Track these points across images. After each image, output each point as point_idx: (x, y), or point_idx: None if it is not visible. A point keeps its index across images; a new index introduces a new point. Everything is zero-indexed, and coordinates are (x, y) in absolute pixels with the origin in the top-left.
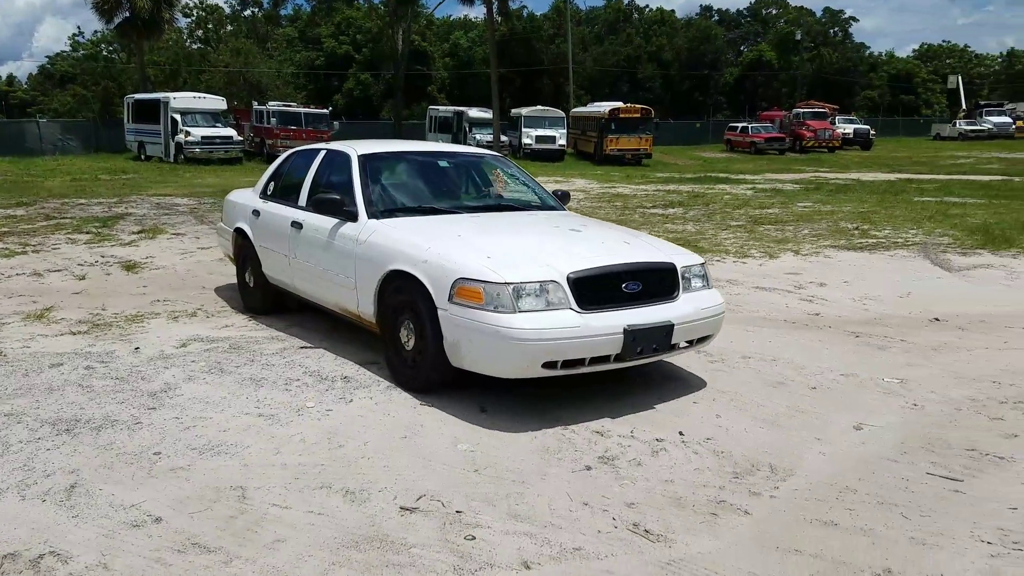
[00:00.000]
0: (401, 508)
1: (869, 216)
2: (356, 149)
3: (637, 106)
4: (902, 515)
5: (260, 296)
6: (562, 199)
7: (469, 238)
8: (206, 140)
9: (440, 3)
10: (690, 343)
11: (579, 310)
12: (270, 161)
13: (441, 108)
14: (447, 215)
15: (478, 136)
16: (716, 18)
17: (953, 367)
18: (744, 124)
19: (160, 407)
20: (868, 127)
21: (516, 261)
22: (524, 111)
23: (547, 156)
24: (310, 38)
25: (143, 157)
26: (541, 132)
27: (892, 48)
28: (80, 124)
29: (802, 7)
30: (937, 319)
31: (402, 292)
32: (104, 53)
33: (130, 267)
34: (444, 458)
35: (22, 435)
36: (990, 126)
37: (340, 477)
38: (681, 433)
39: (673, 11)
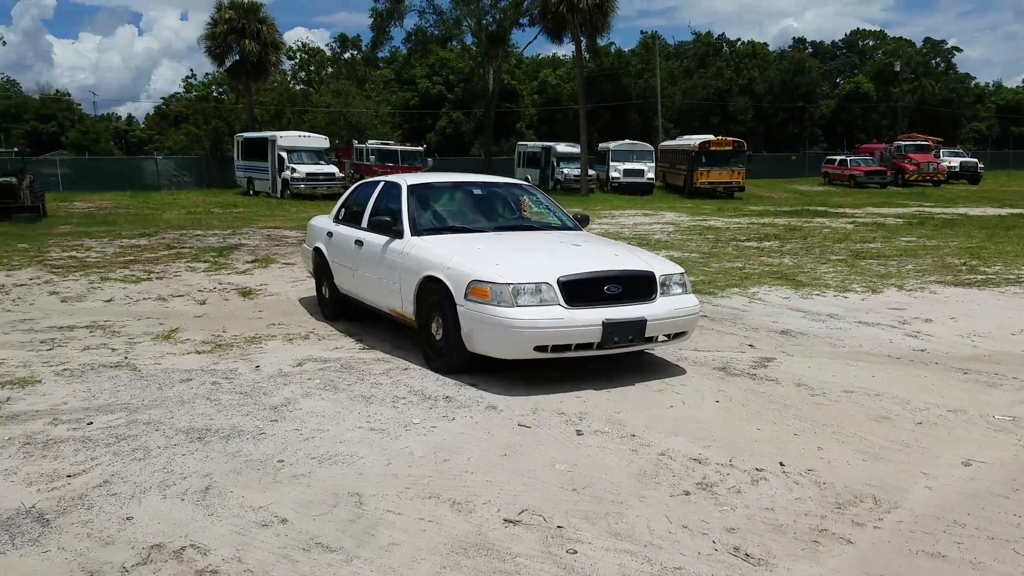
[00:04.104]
0: (505, 520)
1: (978, 252)
2: (406, 180)
3: (729, 139)
4: (1014, 551)
5: (333, 304)
6: (581, 221)
7: (485, 251)
8: (310, 176)
9: (530, 43)
10: (668, 337)
11: (566, 306)
12: None
13: (529, 144)
14: (475, 233)
15: (565, 170)
16: (810, 50)
17: None
18: (842, 157)
19: (281, 419)
20: (976, 160)
21: (518, 267)
22: (612, 145)
23: (635, 189)
24: (406, 79)
25: (252, 192)
26: (629, 166)
27: (1000, 78)
28: (193, 161)
29: (901, 38)
30: None
31: (433, 294)
32: (215, 94)
33: (246, 293)
34: (543, 476)
35: (160, 441)
36: None
37: (447, 488)
38: (782, 463)
39: (765, 44)
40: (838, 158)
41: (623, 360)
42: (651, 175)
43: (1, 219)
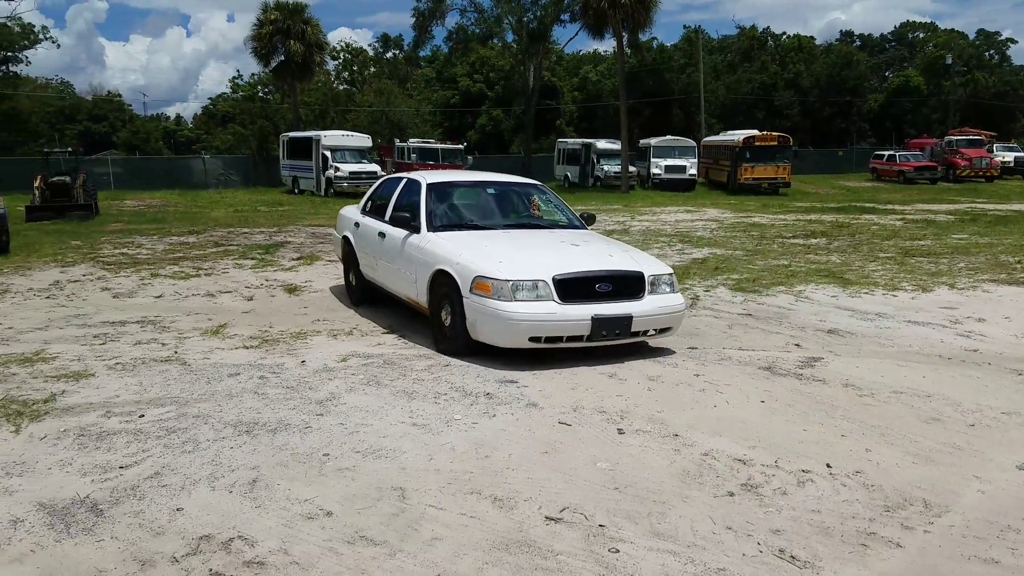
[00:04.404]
0: (546, 518)
1: None
2: (426, 178)
3: (774, 134)
4: None
5: (359, 291)
6: (587, 220)
7: (492, 248)
8: (353, 175)
9: (571, 39)
10: (655, 332)
11: (559, 302)
12: None
13: (570, 141)
14: (485, 230)
15: (606, 167)
16: (858, 44)
17: None
18: (891, 152)
19: (326, 414)
20: None
21: (518, 265)
22: (653, 141)
23: (677, 186)
24: (446, 77)
25: (296, 191)
26: (671, 162)
27: None
28: (239, 160)
29: (953, 30)
30: None
31: (443, 286)
32: (260, 94)
33: (291, 290)
34: (584, 474)
35: (209, 434)
36: None
37: (488, 485)
38: (828, 465)
39: (812, 37)
40: (887, 153)
41: (665, 359)
42: (693, 171)
43: (56, 217)
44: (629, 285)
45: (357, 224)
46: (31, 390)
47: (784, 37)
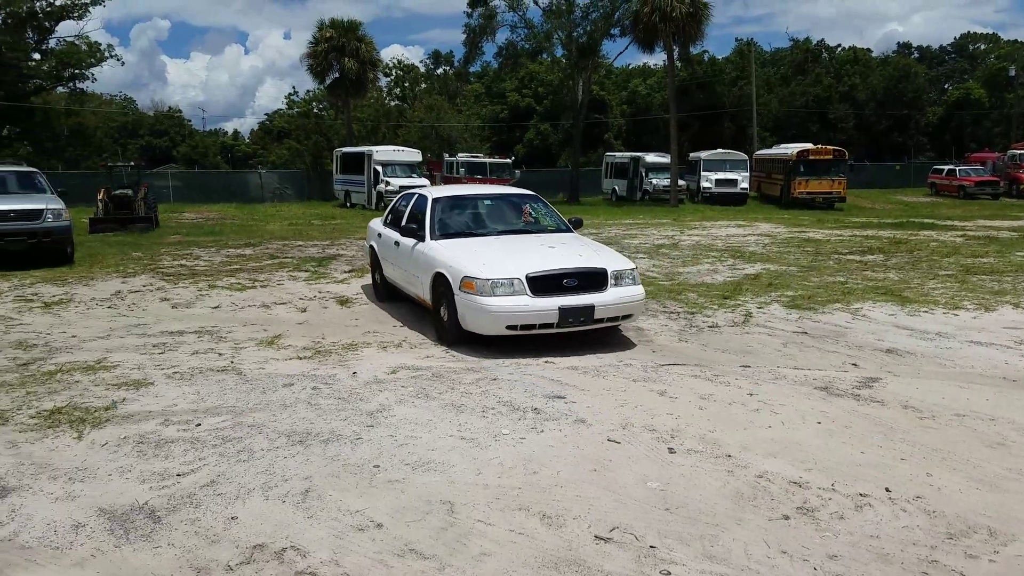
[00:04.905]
0: (596, 537)
1: None
2: (432, 193)
3: (829, 147)
4: None
5: (383, 291)
6: (575, 225)
7: (480, 252)
8: (403, 189)
9: (620, 53)
10: (614, 319)
11: (531, 295)
12: None
13: (618, 154)
14: (478, 237)
15: (654, 181)
16: (916, 56)
17: None
18: (951, 166)
19: (377, 425)
20: None
21: (499, 266)
22: (704, 154)
23: (728, 200)
24: (495, 93)
25: (348, 204)
26: (722, 175)
27: None
28: (294, 174)
29: (1016, 41)
30: None
31: (441, 285)
32: (315, 110)
33: (343, 302)
34: (634, 494)
35: (263, 444)
36: None
37: (536, 501)
38: (888, 489)
39: (868, 49)
40: (946, 168)
41: (718, 377)
42: (745, 185)
43: (118, 229)
44: (594, 279)
45: (379, 235)
46: (93, 397)
47: (839, 49)
